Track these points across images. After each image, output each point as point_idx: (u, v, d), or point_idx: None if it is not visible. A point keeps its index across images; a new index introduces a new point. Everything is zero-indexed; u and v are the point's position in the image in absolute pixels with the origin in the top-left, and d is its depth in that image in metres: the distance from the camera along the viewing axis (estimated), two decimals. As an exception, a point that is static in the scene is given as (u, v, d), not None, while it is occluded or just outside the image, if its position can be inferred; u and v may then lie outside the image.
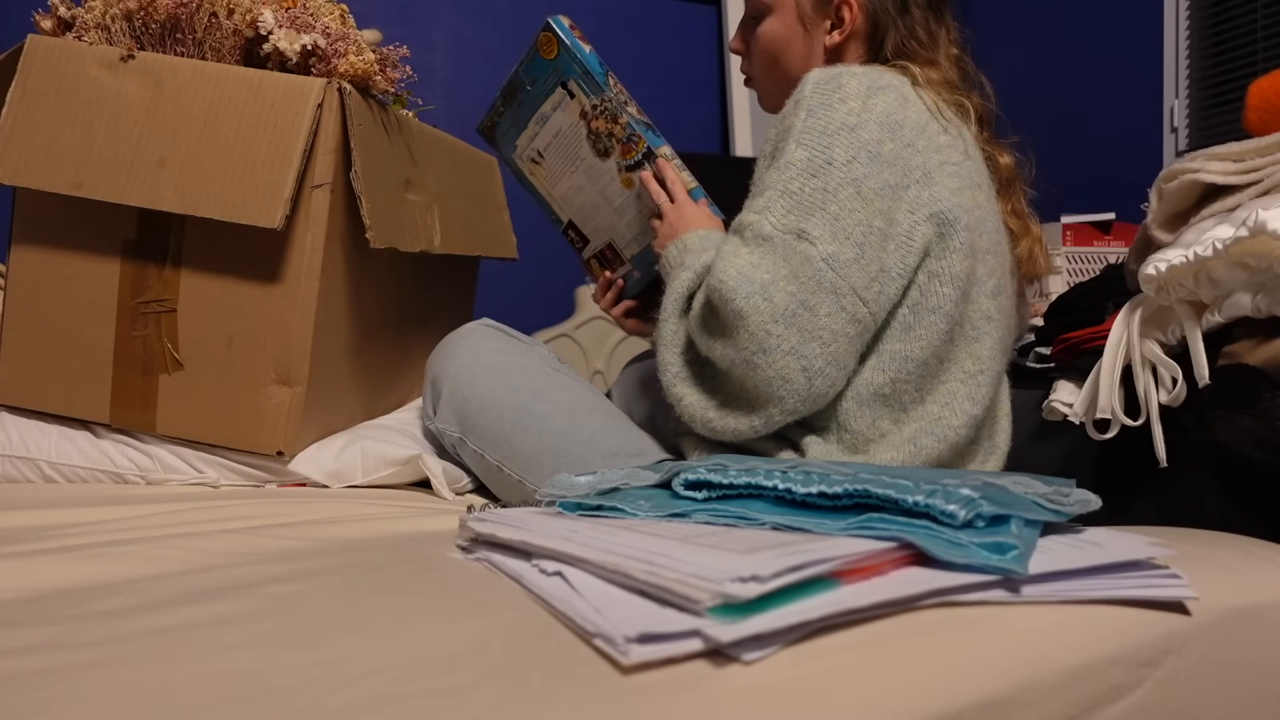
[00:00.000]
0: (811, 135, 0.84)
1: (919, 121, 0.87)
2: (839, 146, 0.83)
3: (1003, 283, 0.93)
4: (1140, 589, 0.54)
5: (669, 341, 0.92)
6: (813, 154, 0.84)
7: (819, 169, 0.83)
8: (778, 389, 0.83)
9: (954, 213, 0.86)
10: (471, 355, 1.04)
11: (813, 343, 0.82)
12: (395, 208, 1.08)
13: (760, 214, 0.84)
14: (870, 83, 0.86)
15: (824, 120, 0.84)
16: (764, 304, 0.81)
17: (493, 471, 1.00)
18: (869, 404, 0.89)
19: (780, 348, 0.81)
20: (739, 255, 0.83)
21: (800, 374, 0.82)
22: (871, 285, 0.83)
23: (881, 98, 0.86)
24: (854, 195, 0.83)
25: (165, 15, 0.98)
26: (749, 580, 0.44)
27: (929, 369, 0.89)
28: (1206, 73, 2.33)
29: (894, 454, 0.89)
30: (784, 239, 0.82)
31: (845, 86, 0.86)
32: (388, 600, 0.55)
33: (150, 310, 1.00)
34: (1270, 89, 0.94)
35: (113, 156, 0.95)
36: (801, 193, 0.83)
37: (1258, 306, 0.79)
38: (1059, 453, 1.05)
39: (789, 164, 0.84)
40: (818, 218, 0.82)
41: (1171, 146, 2.38)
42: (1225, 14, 2.29)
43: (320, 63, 0.98)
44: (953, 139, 0.89)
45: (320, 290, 0.99)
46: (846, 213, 0.82)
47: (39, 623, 0.50)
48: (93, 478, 1.00)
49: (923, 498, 0.54)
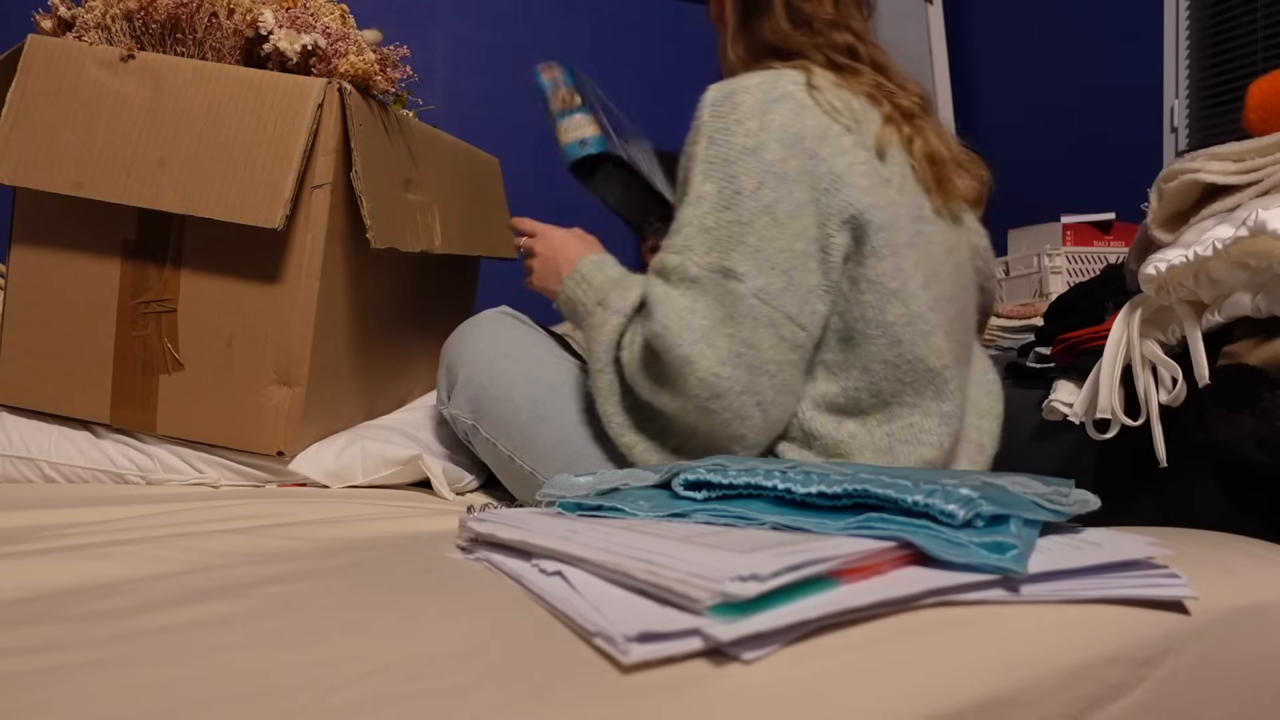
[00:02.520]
0: (715, 165, 0.84)
1: (819, 129, 0.86)
2: (744, 174, 0.83)
3: (937, 271, 0.90)
4: (1139, 589, 0.54)
5: (607, 393, 0.92)
6: (721, 186, 0.84)
7: (730, 200, 0.83)
8: (737, 428, 0.84)
9: (869, 214, 0.84)
10: (490, 343, 1.03)
11: (761, 377, 0.83)
12: (396, 208, 1.08)
13: (682, 254, 0.84)
14: (764, 96, 0.86)
15: (724, 148, 0.84)
16: (709, 350, 0.82)
17: (504, 462, 1.00)
18: (829, 413, 0.88)
19: (733, 389, 0.82)
20: (672, 299, 0.84)
21: (755, 409, 0.84)
22: (805, 309, 0.84)
23: (778, 111, 0.85)
24: (770, 223, 0.83)
25: (165, 15, 0.98)
26: (749, 579, 0.44)
27: (881, 374, 0.87)
28: (1206, 73, 2.33)
29: (873, 460, 0.88)
30: (712, 279, 0.83)
31: (741, 106, 0.85)
32: (388, 600, 0.55)
33: (150, 310, 1.00)
34: (1270, 89, 0.94)
35: (113, 156, 0.95)
36: (718, 228, 0.83)
37: (1258, 306, 0.79)
38: (1059, 453, 1.05)
39: (700, 198, 0.84)
40: (739, 252, 0.83)
41: (1171, 146, 2.38)
42: (1225, 14, 2.29)
43: (320, 63, 0.98)
44: (856, 138, 0.87)
45: (320, 290, 0.99)
46: (766, 241, 0.83)
47: (39, 623, 0.50)
48: (93, 478, 1.00)
49: (922, 497, 0.55)
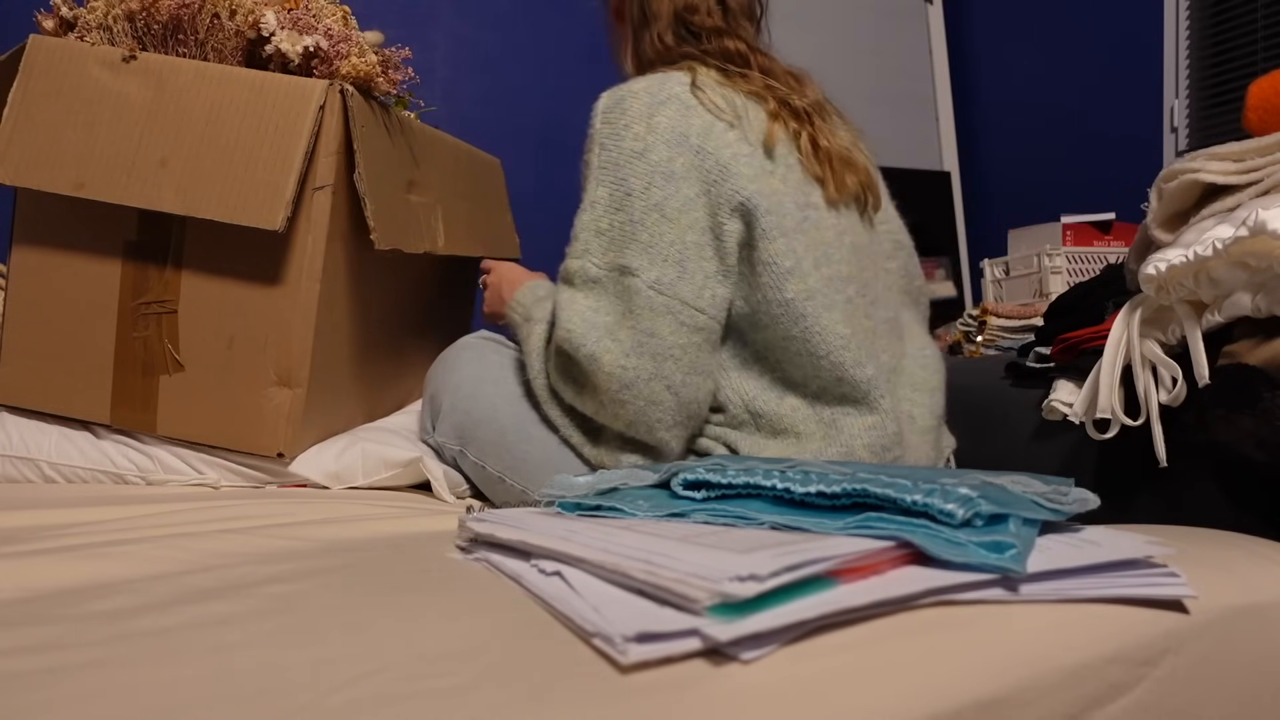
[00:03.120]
0: (607, 170, 0.89)
1: (703, 126, 0.90)
2: (634, 176, 0.88)
3: (828, 254, 0.92)
4: (1139, 588, 0.54)
5: (547, 398, 0.97)
6: (612, 190, 0.89)
7: (621, 202, 0.88)
8: (652, 413, 0.88)
9: (755, 199, 0.88)
10: (472, 369, 1.05)
11: (667, 362, 0.87)
12: (399, 209, 1.08)
13: (581, 258, 0.90)
14: (651, 99, 0.90)
15: (615, 153, 0.89)
16: (612, 344, 0.86)
17: (494, 482, 1.00)
18: (770, 390, 0.91)
19: (640, 378, 0.86)
20: (577, 302, 0.89)
21: (666, 392, 0.87)
22: (703, 293, 0.88)
23: (664, 113, 0.89)
24: (660, 220, 0.87)
25: (167, 16, 0.98)
26: (747, 579, 0.44)
27: (797, 349, 0.89)
28: (1206, 73, 2.33)
29: (822, 444, 0.89)
30: (610, 277, 0.88)
31: (629, 111, 0.90)
32: (388, 600, 0.55)
33: (151, 311, 1.00)
34: (1270, 89, 0.94)
35: (114, 157, 0.95)
36: (612, 229, 0.88)
37: (1258, 306, 0.79)
38: (1059, 453, 1.05)
39: (594, 203, 0.89)
40: (633, 249, 0.87)
41: (1171, 146, 2.38)
42: (1225, 14, 2.29)
43: (322, 64, 0.98)
44: (739, 132, 0.91)
45: (321, 292, 0.99)
46: (657, 237, 0.87)
47: (39, 623, 0.50)
48: (93, 478, 1.00)
49: (921, 496, 0.55)
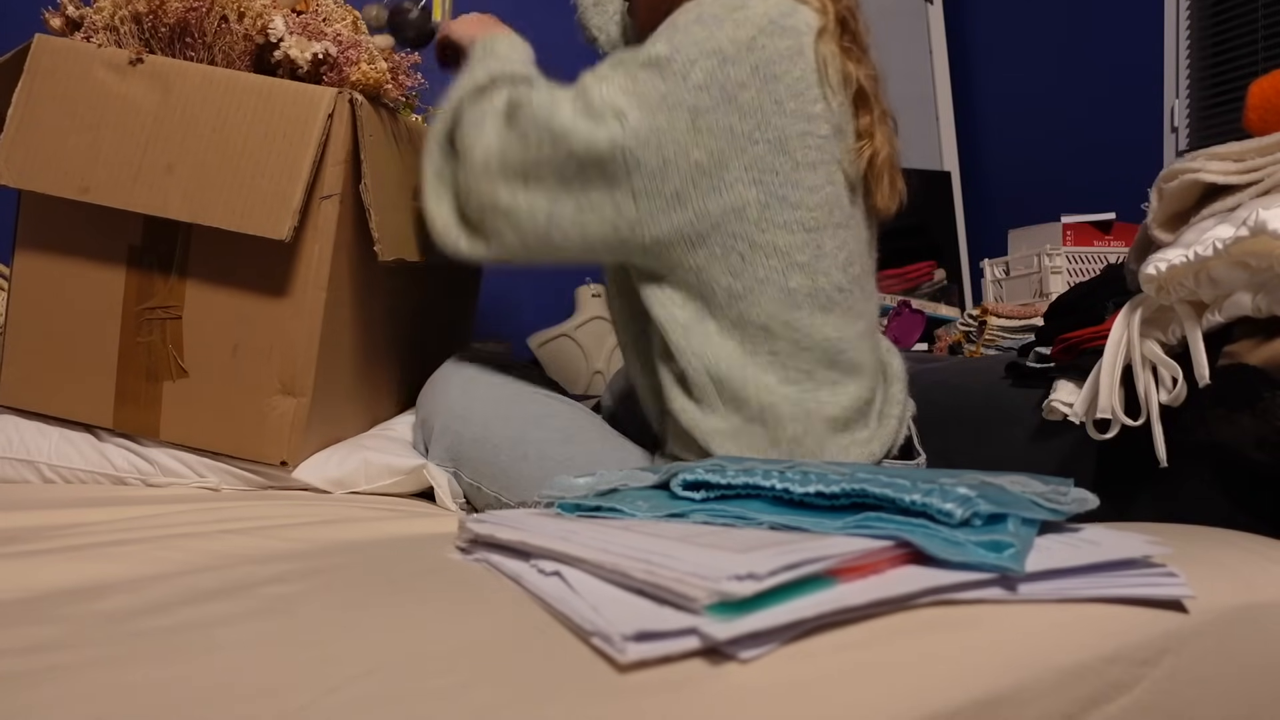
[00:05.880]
0: (686, 44, 0.81)
1: (800, 82, 0.82)
2: (700, 69, 0.80)
3: (856, 252, 0.89)
4: (1138, 588, 0.54)
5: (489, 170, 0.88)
6: (674, 59, 0.80)
7: (670, 77, 0.80)
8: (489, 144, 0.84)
9: (782, 188, 0.82)
10: (461, 390, 1.03)
11: (565, 200, 0.82)
12: (403, 217, 1.07)
13: (599, 82, 0.82)
14: (773, 20, 0.82)
15: (704, 36, 0.81)
16: (555, 120, 0.81)
17: (491, 503, 0.99)
18: (734, 353, 0.86)
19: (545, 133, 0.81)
20: (564, 103, 0.83)
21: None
22: (655, 198, 0.81)
23: (775, 42, 0.81)
24: (688, 122, 0.80)
25: (175, 18, 0.97)
26: (746, 578, 0.44)
27: (781, 331, 0.86)
28: (1206, 73, 2.33)
29: (794, 396, 0.86)
30: (602, 109, 0.81)
31: (747, 8, 0.81)
32: (387, 600, 0.55)
33: (155, 317, 1.00)
34: (1270, 89, 0.94)
35: (120, 162, 0.95)
36: (644, 92, 0.81)
37: (1258, 306, 0.79)
38: (1059, 453, 1.05)
39: (651, 57, 0.81)
40: (643, 114, 0.80)
41: (1171, 146, 2.37)
42: (1225, 14, 2.28)
43: (332, 71, 0.97)
44: (827, 111, 0.84)
45: (326, 301, 0.98)
46: (668, 128, 0.80)
47: (39, 623, 0.50)
48: (93, 480, 0.99)
49: (919, 496, 0.55)
